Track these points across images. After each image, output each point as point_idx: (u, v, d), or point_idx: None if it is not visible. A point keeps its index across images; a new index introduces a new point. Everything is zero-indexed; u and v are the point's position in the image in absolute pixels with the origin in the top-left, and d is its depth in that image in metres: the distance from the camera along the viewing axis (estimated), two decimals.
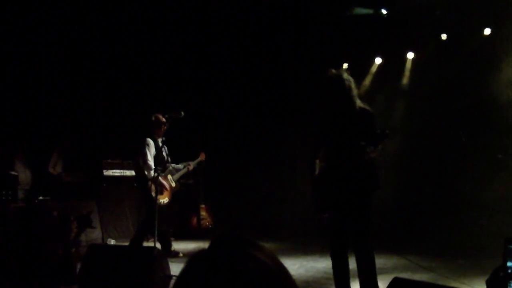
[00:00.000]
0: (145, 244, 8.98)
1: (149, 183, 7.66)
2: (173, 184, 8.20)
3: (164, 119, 7.75)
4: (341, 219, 4.63)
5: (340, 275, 4.66)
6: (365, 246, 4.56)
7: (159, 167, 7.58)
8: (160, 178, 7.57)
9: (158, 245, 7.23)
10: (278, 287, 1.13)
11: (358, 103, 4.71)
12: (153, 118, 7.88)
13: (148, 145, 7.73)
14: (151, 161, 7.65)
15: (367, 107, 4.76)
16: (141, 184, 8.00)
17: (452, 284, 5.63)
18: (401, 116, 10.62)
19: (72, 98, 10.95)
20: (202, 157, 8.77)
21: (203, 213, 10.86)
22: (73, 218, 5.77)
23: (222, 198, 11.56)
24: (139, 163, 7.86)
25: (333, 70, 4.75)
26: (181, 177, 11.09)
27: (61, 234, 5.46)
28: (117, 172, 9.84)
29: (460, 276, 6.33)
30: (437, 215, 9.10)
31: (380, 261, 7.53)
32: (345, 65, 11.62)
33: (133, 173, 9.99)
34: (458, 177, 9.74)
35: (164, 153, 7.95)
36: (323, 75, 4.77)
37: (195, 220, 10.78)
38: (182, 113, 7.64)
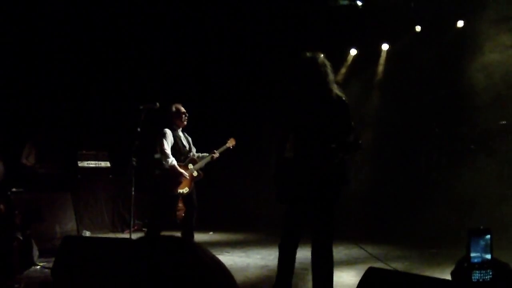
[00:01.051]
0: (121, 235, 8.95)
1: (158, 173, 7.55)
2: (195, 174, 7.78)
3: (183, 109, 7.66)
4: (300, 213, 4.35)
5: (285, 269, 4.39)
6: (325, 244, 4.27)
7: (181, 156, 7.52)
8: (178, 167, 7.44)
9: (134, 236, 7.17)
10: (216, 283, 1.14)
11: (335, 89, 4.32)
12: (174, 109, 7.71)
13: (165, 134, 7.55)
14: (168, 150, 7.48)
15: (343, 96, 4.35)
16: (158, 175, 7.84)
17: (426, 273, 5.71)
18: (375, 107, 10.71)
19: (46, 89, 10.79)
20: (231, 143, 8.22)
21: (179, 204, 10.80)
22: (18, 212, 5.55)
23: (198, 188, 11.49)
24: (156, 155, 7.74)
25: (308, 53, 4.41)
26: (157, 168, 11.07)
27: (5, 228, 5.31)
28: (92, 163, 9.73)
29: (433, 265, 6.41)
30: (410, 205, 9.20)
31: (354, 251, 7.63)
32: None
33: (108, 164, 9.91)
34: (432, 168, 9.86)
35: (185, 142, 7.78)
36: (296, 57, 4.46)
37: None
38: (158, 104, 7.59)
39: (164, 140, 7.53)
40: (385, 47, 10.88)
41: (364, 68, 11.06)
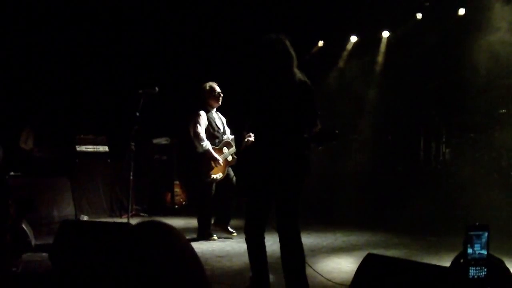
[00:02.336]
0: (119, 220, 8.95)
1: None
2: (229, 158, 7.24)
3: (218, 88, 7.27)
4: (264, 202, 4.18)
5: (258, 261, 4.23)
6: (293, 232, 4.11)
7: (215, 139, 7.19)
8: (212, 151, 7.07)
9: (132, 221, 7.17)
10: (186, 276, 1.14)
11: (298, 73, 4.12)
12: (207, 87, 7.27)
13: (199, 115, 7.16)
14: (202, 133, 7.08)
15: (307, 80, 4.15)
16: (191, 161, 7.51)
17: (424, 260, 5.71)
18: (375, 95, 10.68)
19: (45, 73, 10.75)
20: None
21: (177, 190, 10.82)
22: (11, 202, 5.49)
23: (196, 174, 11.49)
24: (188, 137, 7.24)
25: (272, 34, 4.21)
26: (155, 153, 11.07)
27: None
28: (90, 148, 9.71)
29: (430, 252, 6.42)
30: (409, 193, 9.19)
31: (353, 238, 7.65)
32: (321, 43, 11.66)
33: (106, 148, 9.90)
34: (431, 156, 9.86)
35: (219, 124, 7.37)
36: (259, 39, 4.23)
37: (169, 197, 10.74)
38: (157, 89, 7.55)
39: (198, 123, 7.12)
40: (385, 34, 10.84)
41: (364, 56, 11.03)
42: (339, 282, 4.75)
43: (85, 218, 8.90)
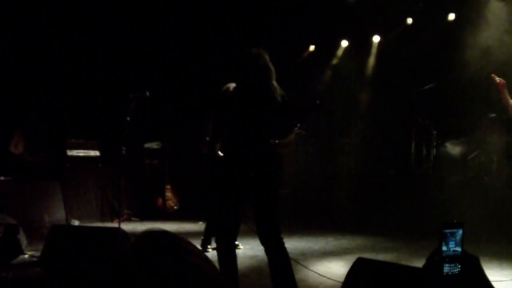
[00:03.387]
0: (110, 225, 8.93)
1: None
2: None
3: None
4: (235, 211, 4.22)
5: (227, 269, 4.20)
6: (278, 241, 4.15)
7: None
8: None
9: (123, 226, 7.15)
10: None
11: (276, 87, 4.16)
12: (231, 88, 7.09)
13: None
14: None
15: (284, 94, 4.19)
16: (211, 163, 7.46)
17: (415, 264, 5.73)
18: (366, 99, 10.72)
19: (35, 77, 10.71)
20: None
21: (168, 194, 10.80)
22: None
23: (188, 178, 11.49)
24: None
25: (253, 49, 4.18)
26: (147, 157, 11.04)
27: None
28: (81, 152, 9.68)
29: (421, 256, 6.43)
30: (400, 197, 9.23)
31: (344, 242, 7.68)
32: (312, 47, 11.69)
33: (97, 153, 9.87)
34: (422, 159, 9.91)
35: None
36: (240, 53, 4.23)
37: (160, 201, 10.72)
38: (148, 93, 7.53)
39: None
40: (376, 39, 10.89)
41: (355, 60, 11.08)
42: (329, 286, 4.77)
43: (76, 223, 8.87)
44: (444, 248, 1.61)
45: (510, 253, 6.56)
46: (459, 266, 1.58)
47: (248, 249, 6.84)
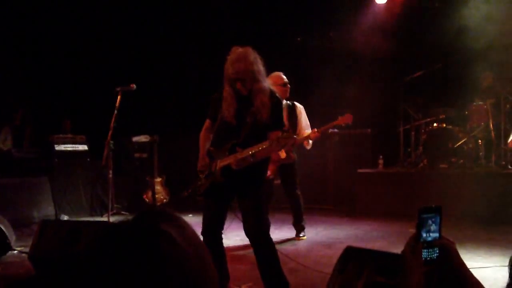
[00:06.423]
0: (100, 219, 8.93)
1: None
2: (282, 155, 6.48)
3: (284, 80, 6.75)
4: (221, 206, 4.33)
5: (217, 260, 4.22)
6: (262, 234, 4.23)
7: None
8: None
9: (113, 220, 7.15)
10: (191, 273, 1.10)
11: (266, 85, 4.21)
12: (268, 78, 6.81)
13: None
14: None
15: (276, 93, 4.30)
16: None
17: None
18: (353, 87, 10.66)
19: (22, 72, 10.65)
20: (344, 120, 6.75)
21: (158, 187, 10.77)
22: None
23: (178, 171, 11.48)
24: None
25: (239, 47, 4.20)
26: (137, 151, 11.01)
27: None
28: (69, 147, 9.66)
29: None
30: (390, 185, 9.28)
31: (332, 232, 7.72)
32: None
33: (85, 147, 9.85)
34: (410, 148, 9.97)
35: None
36: (228, 51, 4.22)
37: (149, 194, 10.70)
38: (134, 86, 7.51)
39: None
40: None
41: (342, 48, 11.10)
42: (318, 278, 4.80)
43: (66, 217, 8.86)
44: (423, 233, 1.63)
45: (499, 240, 6.64)
46: (437, 251, 1.62)
47: (239, 241, 6.86)
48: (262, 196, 4.29)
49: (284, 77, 6.85)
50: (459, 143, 8.91)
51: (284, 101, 6.90)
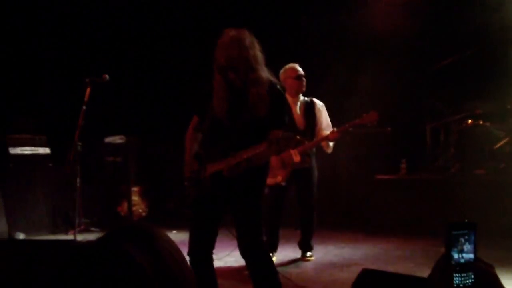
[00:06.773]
0: (64, 237, 8.88)
1: None
2: (296, 158, 6.37)
3: (298, 72, 6.75)
4: (214, 217, 4.32)
5: (207, 284, 4.29)
6: (259, 254, 4.28)
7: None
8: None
9: (80, 238, 7.12)
10: None
11: (264, 72, 4.19)
12: (281, 71, 6.73)
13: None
14: None
15: (277, 84, 4.29)
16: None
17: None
18: (370, 78, 10.65)
19: None
20: (369, 118, 6.71)
21: (135, 198, 10.76)
22: None
23: (158, 179, 11.45)
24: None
25: (232, 30, 4.19)
26: (110, 154, 10.98)
27: None
28: (27, 150, 9.60)
29: None
30: (414, 195, 9.24)
31: (347, 251, 7.68)
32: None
33: (47, 150, 9.80)
34: (439, 151, 9.94)
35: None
36: (219, 35, 4.20)
37: (125, 206, 10.68)
38: (107, 76, 7.50)
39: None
40: None
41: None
42: None
43: (21, 236, 8.80)
44: (455, 254, 1.57)
45: None
46: (472, 276, 1.56)
47: (233, 262, 6.83)
48: (261, 208, 4.26)
49: (300, 68, 6.84)
50: (499, 144, 8.86)
51: (301, 97, 6.92)
